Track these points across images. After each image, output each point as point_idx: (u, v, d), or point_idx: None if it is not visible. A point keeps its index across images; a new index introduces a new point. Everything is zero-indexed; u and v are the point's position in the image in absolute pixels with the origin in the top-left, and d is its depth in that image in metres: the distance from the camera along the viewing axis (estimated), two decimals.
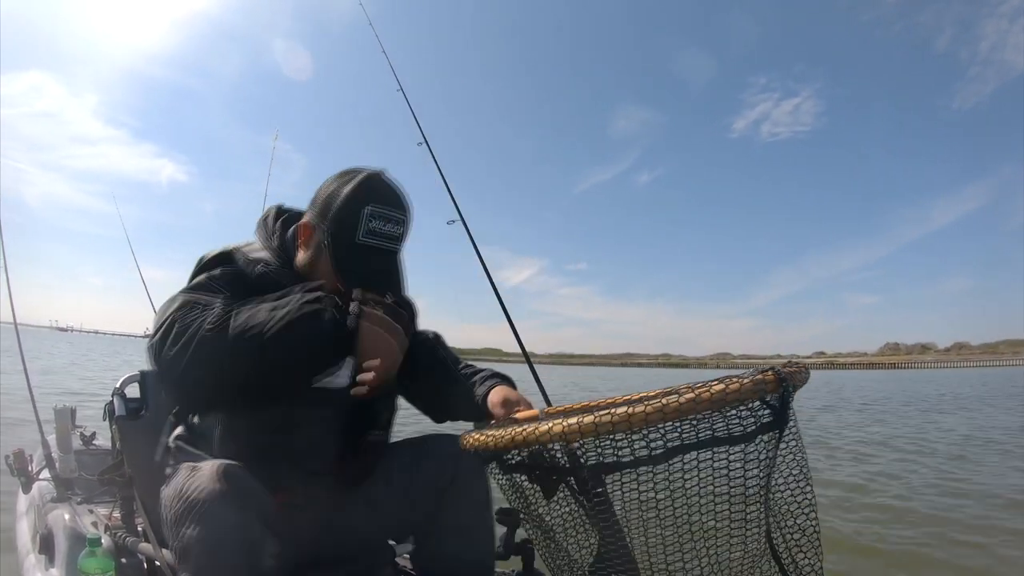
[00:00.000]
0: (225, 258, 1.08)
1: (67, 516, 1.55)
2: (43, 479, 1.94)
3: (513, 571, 1.31)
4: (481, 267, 1.71)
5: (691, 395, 0.75)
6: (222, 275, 1.04)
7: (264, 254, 1.11)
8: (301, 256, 1.11)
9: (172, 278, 1.21)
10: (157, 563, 1.16)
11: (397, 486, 1.18)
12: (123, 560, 1.27)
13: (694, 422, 0.81)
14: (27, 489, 1.96)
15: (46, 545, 1.57)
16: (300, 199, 1.16)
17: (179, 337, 0.89)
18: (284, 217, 1.17)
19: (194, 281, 1.03)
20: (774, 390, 0.78)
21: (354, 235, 1.03)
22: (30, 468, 1.95)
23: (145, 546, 1.23)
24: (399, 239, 1.08)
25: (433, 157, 1.76)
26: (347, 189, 1.05)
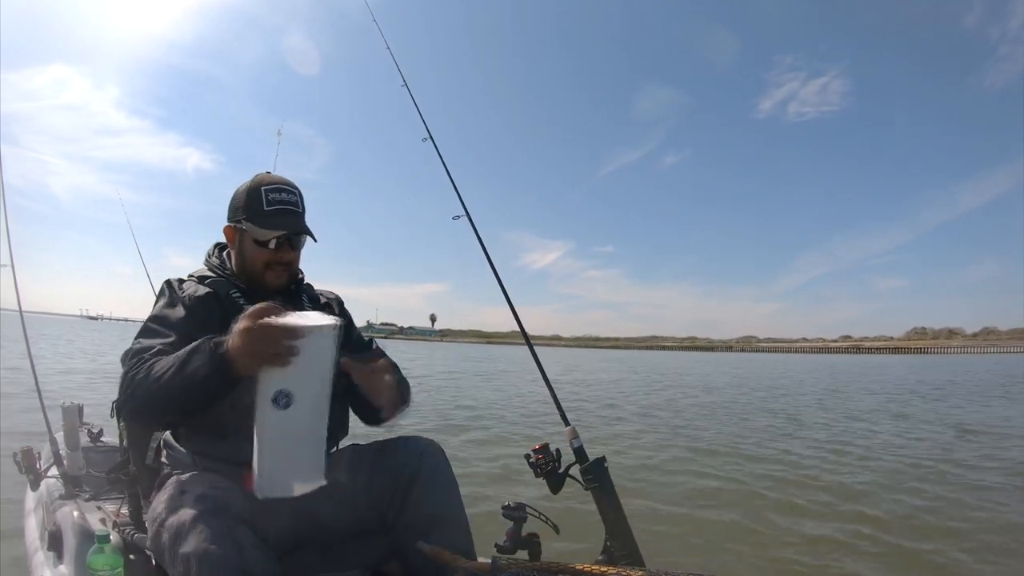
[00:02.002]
0: (169, 284, 1.32)
1: (75, 513, 1.56)
2: (51, 476, 1.95)
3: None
4: (487, 261, 1.70)
5: None
6: (166, 304, 1.26)
7: (207, 273, 1.36)
8: (234, 258, 1.37)
9: (200, 266, 1.41)
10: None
11: (361, 482, 1.28)
12: (131, 557, 1.28)
13: None
14: (35, 486, 1.97)
15: (55, 542, 1.57)
16: (326, 184, 1.37)
17: (125, 391, 1.08)
18: (221, 245, 1.43)
19: (148, 319, 1.23)
20: None
21: (261, 208, 1.30)
22: (38, 465, 1.96)
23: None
24: (296, 204, 1.34)
25: (438, 152, 1.74)
26: (244, 187, 1.35)
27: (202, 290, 1.29)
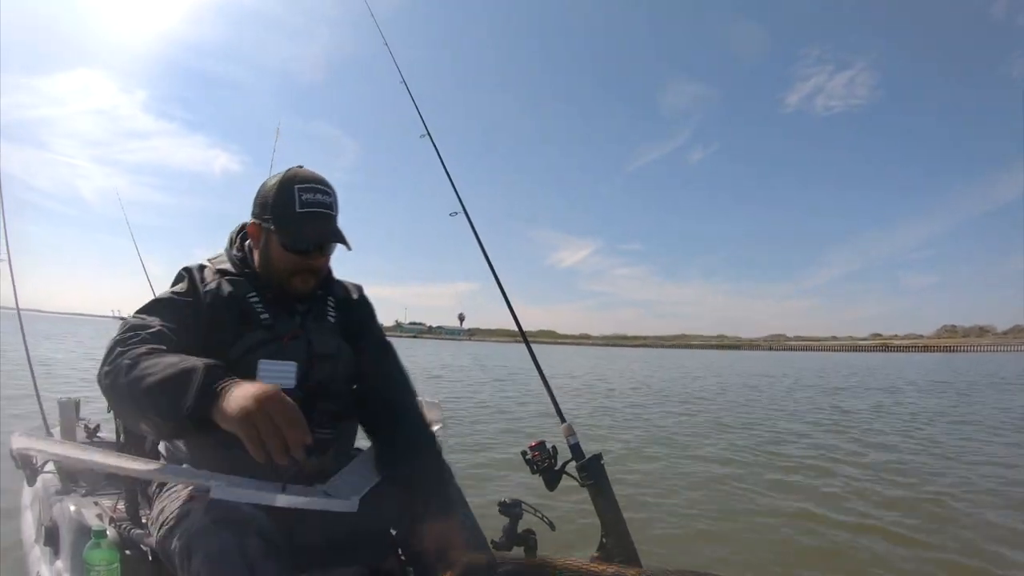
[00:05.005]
0: (189, 272, 1.23)
1: (72, 508, 1.56)
2: (48, 471, 1.94)
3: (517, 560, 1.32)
4: (484, 258, 1.70)
5: None
6: (180, 291, 1.19)
7: (227, 265, 1.26)
8: (256, 256, 1.26)
9: (220, 251, 1.34)
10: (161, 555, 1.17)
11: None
12: (128, 552, 1.28)
13: None
14: (32, 482, 1.97)
15: (51, 537, 1.57)
16: (354, 184, 1.31)
17: (109, 362, 0.99)
18: (244, 233, 1.31)
19: (155, 297, 1.18)
20: None
21: (293, 209, 1.18)
22: (34, 460, 1.96)
23: (150, 538, 1.24)
24: (331, 207, 1.22)
25: (436, 149, 1.74)
26: (275, 182, 1.21)
27: (224, 287, 1.21)
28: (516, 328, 1.59)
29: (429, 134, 1.76)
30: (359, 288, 1.43)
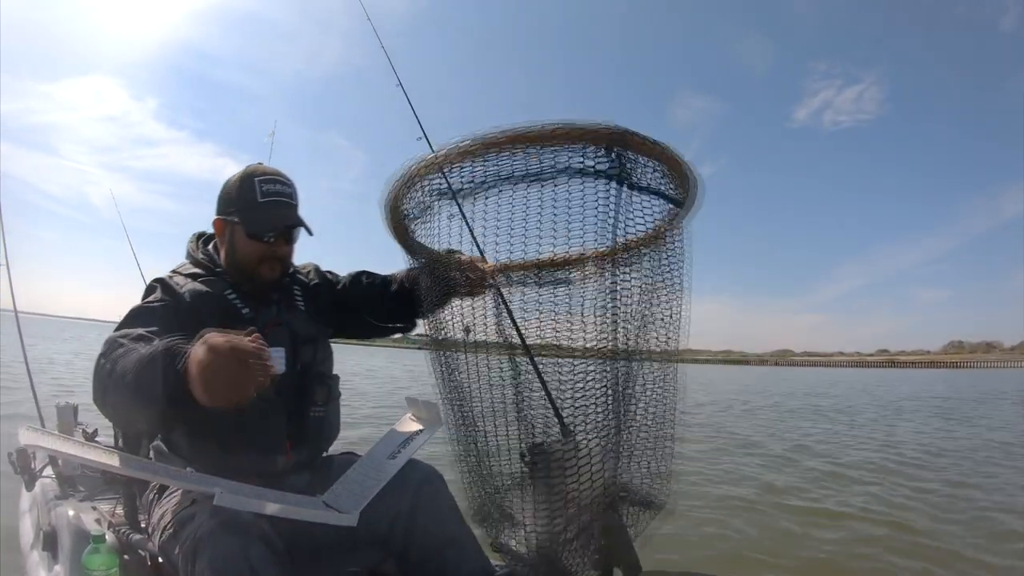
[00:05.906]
0: (161, 281, 1.24)
1: (70, 513, 1.55)
2: (46, 476, 1.94)
3: (514, 565, 1.31)
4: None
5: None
6: (155, 299, 1.19)
7: (195, 269, 1.30)
8: (223, 253, 1.31)
9: (182, 260, 1.36)
10: (160, 559, 1.17)
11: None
12: (126, 557, 1.28)
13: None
14: (30, 487, 1.97)
15: (49, 542, 1.57)
16: (362, 195, 1.28)
17: (97, 380, 0.99)
18: (204, 238, 1.38)
19: (129, 311, 1.16)
20: (604, 142, 0.99)
21: (254, 200, 1.25)
22: (33, 465, 1.96)
23: (149, 543, 1.23)
24: (291, 196, 1.29)
25: (432, 150, 1.74)
26: (236, 178, 1.29)
27: (200, 288, 1.23)
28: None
29: (426, 136, 1.76)
30: (314, 265, 1.49)
